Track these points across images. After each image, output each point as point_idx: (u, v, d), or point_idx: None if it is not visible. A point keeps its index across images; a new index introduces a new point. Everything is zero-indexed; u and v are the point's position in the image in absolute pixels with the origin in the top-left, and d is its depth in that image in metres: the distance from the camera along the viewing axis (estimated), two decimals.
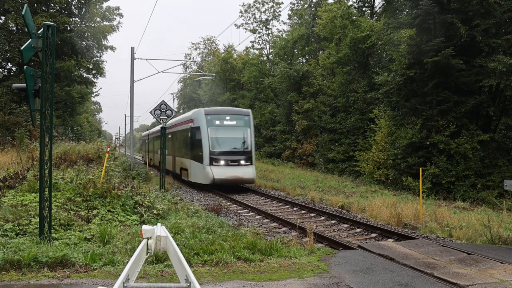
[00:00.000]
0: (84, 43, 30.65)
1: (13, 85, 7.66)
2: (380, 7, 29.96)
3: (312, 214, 12.75)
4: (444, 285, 5.73)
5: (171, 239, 3.21)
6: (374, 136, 20.23)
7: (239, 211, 13.34)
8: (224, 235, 7.63)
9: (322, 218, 12.13)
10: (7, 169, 11.93)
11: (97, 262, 6.07)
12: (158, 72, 23.62)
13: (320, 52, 34.71)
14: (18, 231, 7.14)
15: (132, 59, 21.78)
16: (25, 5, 6.95)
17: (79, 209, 8.67)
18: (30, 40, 6.50)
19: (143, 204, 9.61)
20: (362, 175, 20.67)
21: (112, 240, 7.00)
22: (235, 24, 75.31)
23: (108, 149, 14.12)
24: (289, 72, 29.32)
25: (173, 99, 46.95)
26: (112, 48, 33.15)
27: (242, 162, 17.86)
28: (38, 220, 6.91)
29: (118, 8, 32.47)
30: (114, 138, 76.52)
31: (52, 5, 27.69)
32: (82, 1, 29.55)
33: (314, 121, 27.07)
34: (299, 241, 8.31)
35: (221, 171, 17.21)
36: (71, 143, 18.74)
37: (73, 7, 29.85)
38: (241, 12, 42.78)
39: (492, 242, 8.39)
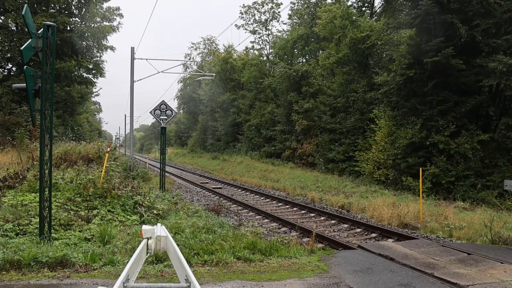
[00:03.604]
0: (84, 43, 30.60)
1: (13, 85, 7.66)
2: (380, 7, 29.94)
3: (312, 214, 12.75)
4: (444, 285, 5.73)
5: (171, 239, 3.21)
6: (374, 136, 20.21)
7: (239, 211, 13.34)
8: (224, 235, 7.63)
9: (322, 218, 12.14)
10: (7, 169, 11.92)
11: (97, 262, 6.07)
12: (158, 72, 23.62)
13: (320, 52, 34.68)
14: (18, 231, 7.13)
15: (132, 59, 21.77)
16: (25, 5, 6.94)
17: (79, 209, 8.67)
18: (30, 40, 6.50)
19: (143, 204, 9.61)
20: (362, 175, 20.66)
21: (112, 240, 7.00)
22: (235, 25, 75.38)
23: (108, 149, 14.12)
24: (288, 72, 29.31)
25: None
26: (112, 48, 33.09)
27: None
28: (38, 220, 6.91)
29: (118, 9, 32.41)
30: (114, 138, 76.54)
31: (52, 5, 27.67)
32: (82, 1, 29.51)
33: (314, 121, 27.05)
34: (299, 241, 8.31)
35: None
36: (71, 143, 18.72)
37: (73, 7, 29.82)
38: (241, 13, 42.78)
39: (492, 242, 8.39)
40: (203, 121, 52.09)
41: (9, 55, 25.77)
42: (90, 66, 31.31)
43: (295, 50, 36.92)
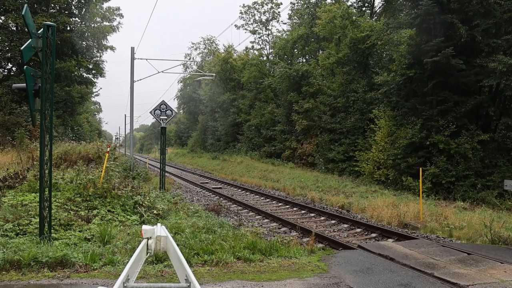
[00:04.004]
0: (84, 43, 30.61)
1: (13, 85, 7.66)
2: (380, 7, 29.93)
3: (312, 214, 12.75)
4: (444, 285, 5.73)
5: (171, 239, 3.21)
6: (374, 136, 20.21)
7: (239, 211, 13.34)
8: (224, 235, 7.63)
9: (322, 218, 12.13)
10: (7, 169, 11.92)
11: (97, 262, 6.07)
12: (158, 72, 23.61)
13: (320, 52, 34.67)
14: (18, 231, 7.13)
15: (132, 59, 21.76)
16: (25, 5, 6.94)
17: (79, 209, 8.67)
18: (30, 40, 6.49)
19: (143, 204, 9.61)
20: (362, 175, 20.66)
21: (112, 240, 7.00)
22: (235, 25, 75.42)
23: (108, 149, 14.11)
24: (288, 72, 29.31)
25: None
26: (112, 48, 33.11)
27: None
28: (38, 220, 6.91)
29: (118, 9, 32.44)
30: (114, 138, 76.54)
31: (52, 5, 27.68)
32: (82, 1, 29.52)
33: (314, 121, 27.05)
34: (299, 241, 8.31)
35: None
36: (71, 143, 18.73)
37: (73, 7, 29.83)
38: (241, 13, 42.81)
39: (492, 242, 8.39)
40: (203, 121, 52.09)
41: (9, 55, 25.79)
42: (90, 66, 31.32)
43: (295, 50, 36.92)
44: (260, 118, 35.74)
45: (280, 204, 15.05)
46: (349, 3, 29.97)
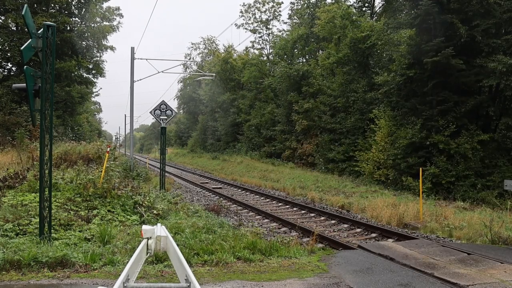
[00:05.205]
0: (84, 43, 30.62)
1: (13, 85, 7.66)
2: (380, 7, 29.94)
3: (312, 214, 12.75)
4: (444, 285, 5.73)
5: (171, 239, 3.21)
6: (374, 136, 20.21)
7: (239, 211, 13.34)
8: (224, 235, 7.63)
9: (322, 218, 12.14)
10: (7, 169, 11.92)
11: (97, 262, 6.07)
12: (158, 72, 23.60)
13: (320, 52, 34.68)
14: (18, 231, 7.13)
15: (132, 59, 21.76)
16: (25, 5, 6.94)
17: (79, 209, 8.66)
18: (30, 40, 6.50)
19: (143, 204, 9.61)
20: (362, 175, 20.66)
21: (112, 240, 7.00)
22: (235, 24, 75.37)
23: (108, 149, 14.11)
24: (289, 72, 29.31)
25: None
26: (112, 48, 33.11)
27: None
28: (38, 220, 6.91)
29: (118, 9, 32.45)
30: (114, 138, 76.51)
31: (52, 5, 27.69)
32: (82, 1, 29.53)
33: (314, 121, 27.05)
34: (299, 241, 8.31)
35: None
36: (71, 143, 18.72)
37: (73, 7, 29.84)
38: (241, 12, 42.75)
39: (492, 242, 8.39)
40: (203, 121, 52.10)
41: (9, 55, 25.78)
42: (90, 66, 31.32)
43: (295, 50, 36.92)
44: (260, 118, 35.74)
45: (280, 204, 15.05)
46: (349, 3, 29.99)
